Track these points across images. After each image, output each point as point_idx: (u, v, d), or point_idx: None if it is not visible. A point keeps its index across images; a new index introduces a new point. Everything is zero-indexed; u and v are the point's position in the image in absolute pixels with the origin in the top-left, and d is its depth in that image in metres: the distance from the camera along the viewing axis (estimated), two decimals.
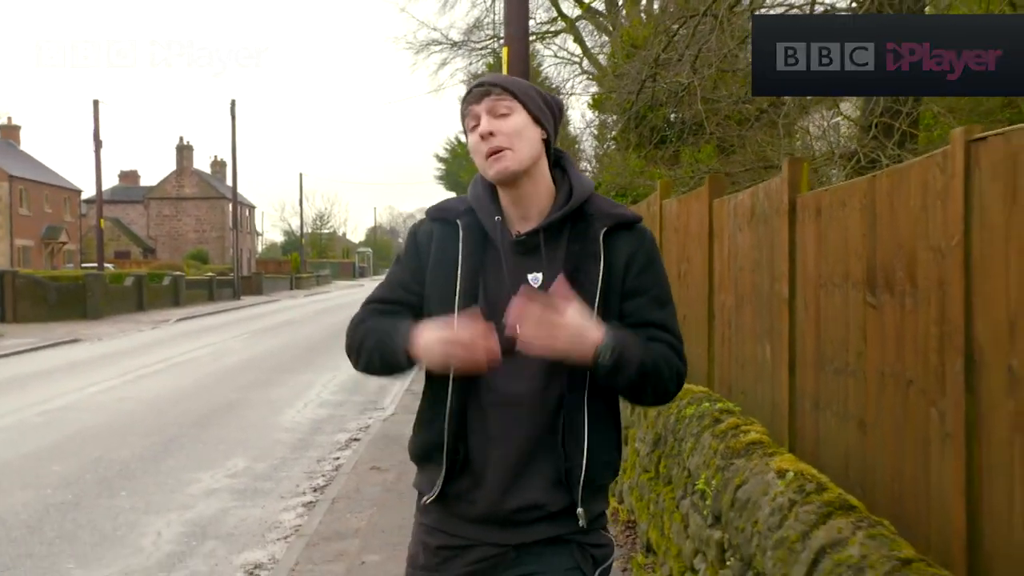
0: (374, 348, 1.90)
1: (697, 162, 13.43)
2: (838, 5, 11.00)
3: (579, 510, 1.85)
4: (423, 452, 1.94)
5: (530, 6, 30.43)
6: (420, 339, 1.79)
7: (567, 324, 1.69)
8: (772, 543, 2.90)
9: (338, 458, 7.71)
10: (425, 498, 1.93)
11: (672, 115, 15.12)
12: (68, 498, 6.43)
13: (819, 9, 10.89)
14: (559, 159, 1.99)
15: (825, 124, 12.68)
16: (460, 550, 1.89)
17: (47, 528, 5.73)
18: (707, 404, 4.59)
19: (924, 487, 2.99)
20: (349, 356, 2.00)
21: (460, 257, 1.88)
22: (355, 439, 8.49)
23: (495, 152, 1.84)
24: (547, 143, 1.92)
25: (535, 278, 1.87)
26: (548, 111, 1.93)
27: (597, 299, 1.84)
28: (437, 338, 1.75)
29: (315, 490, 6.63)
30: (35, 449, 8.08)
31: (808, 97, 12.30)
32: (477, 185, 1.98)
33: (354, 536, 5.29)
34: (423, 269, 1.94)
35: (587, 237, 1.88)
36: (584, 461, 1.83)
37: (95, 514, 6.04)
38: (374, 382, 12.53)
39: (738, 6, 11.35)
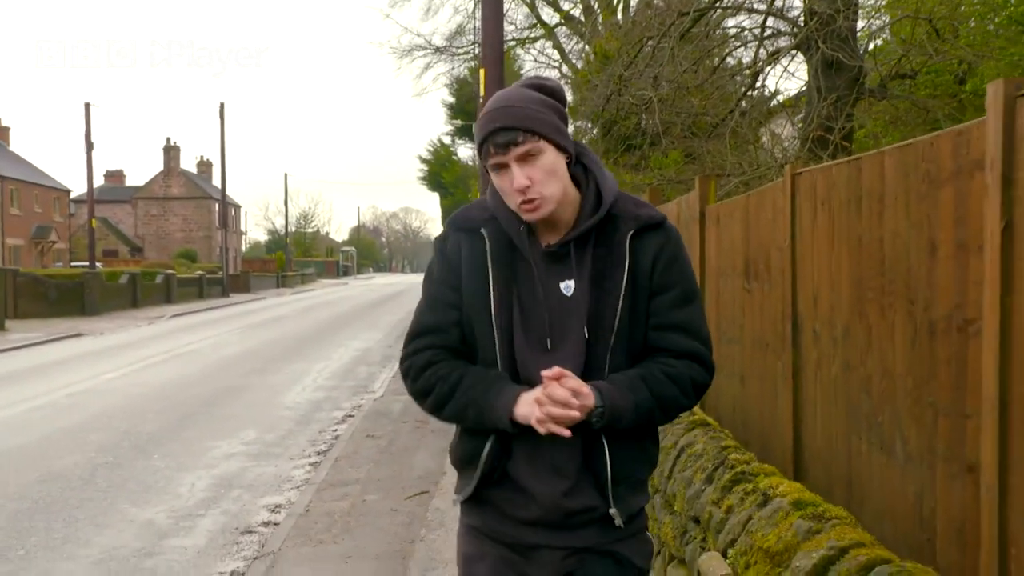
0: (469, 404, 1.86)
1: (661, 168, 14.72)
2: (781, 29, 12.24)
3: (612, 510, 1.87)
4: (464, 457, 1.95)
5: (511, 12, 31.25)
6: (523, 400, 1.80)
7: (578, 404, 1.74)
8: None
9: (336, 430, 8.87)
10: (456, 496, 1.99)
11: (641, 123, 16.16)
12: (110, 459, 7.57)
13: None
14: (579, 156, 1.96)
15: (768, 136, 14.00)
16: (520, 550, 1.94)
17: (99, 480, 6.87)
18: None
19: (772, 419, 4.20)
20: (419, 399, 1.96)
21: (490, 268, 1.88)
22: (350, 415, 9.65)
23: (530, 202, 1.82)
24: (569, 160, 1.89)
25: (567, 286, 1.88)
26: (564, 124, 1.89)
27: (621, 303, 1.85)
28: (536, 399, 1.77)
29: (319, 453, 7.80)
30: (71, 424, 9.19)
31: (756, 112, 13.60)
32: (497, 193, 1.93)
33: (355, 483, 6.46)
34: (459, 282, 1.92)
35: (613, 240, 1.89)
36: (608, 457, 1.85)
37: (135, 471, 7.18)
38: (363, 369, 13.71)
39: (694, 28, 12.58)
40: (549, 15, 30.28)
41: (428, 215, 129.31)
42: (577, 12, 29.18)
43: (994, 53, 10.04)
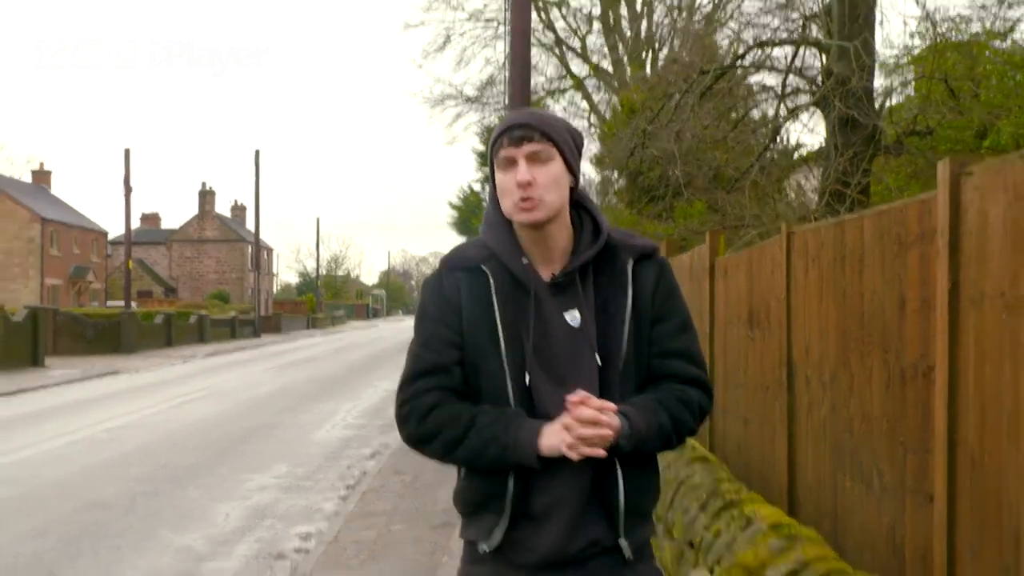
0: (488, 443, 1.80)
1: (687, 218, 15.12)
2: (800, 87, 12.66)
3: (622, 541, 1.86)
4: (478, 500, 1.89)
5: (542, 63, 31.84)
6: (547, 432, 1.77)
7: (608, 422, 1.72)
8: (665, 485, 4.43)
9: (364, 466, 9.21)
10: (483, 546, 1.88)
11: (666, 174, 16.54)
12: (149, 490, 7.96)
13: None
14: (579, 198, 1.97)
15: (792, 189, 14.35)
16: None
17: (139, 509, 7.25)
18: None
19: (771, 458, 4.50)
20: (422, 444, 1.89)
21: (496, 304, 1.86)
22: (378, 452, 9.98)
23: (528, 200, 1.82)
24: (573, 187, 1.92)
25: (573, 316, 1.87)
26: (578, 154, 1.94)
27: (627, 329, 1.87)
28: (561, 426, 1.74)
29: (347, 487, 8.14)
30: (111, 457, 9.62)
31: (775, 167, 13.98)
32: (494, 227, 1.95)
33: (382, 515, 6.79)
34: (460, 322, 1.89)
35: (614, 269, 1.91)
36: (621, 490, 1.83)
37: (173, 500, 7.56)
38: (391, 409, 14.03)
39: (716, 85, 13.03)
40: (579, 67, 31.09)
41: None
42: (606, 64, 29.93)
43: (1013, 111, 10.36)
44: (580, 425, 1.71)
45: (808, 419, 4.00)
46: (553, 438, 1.75)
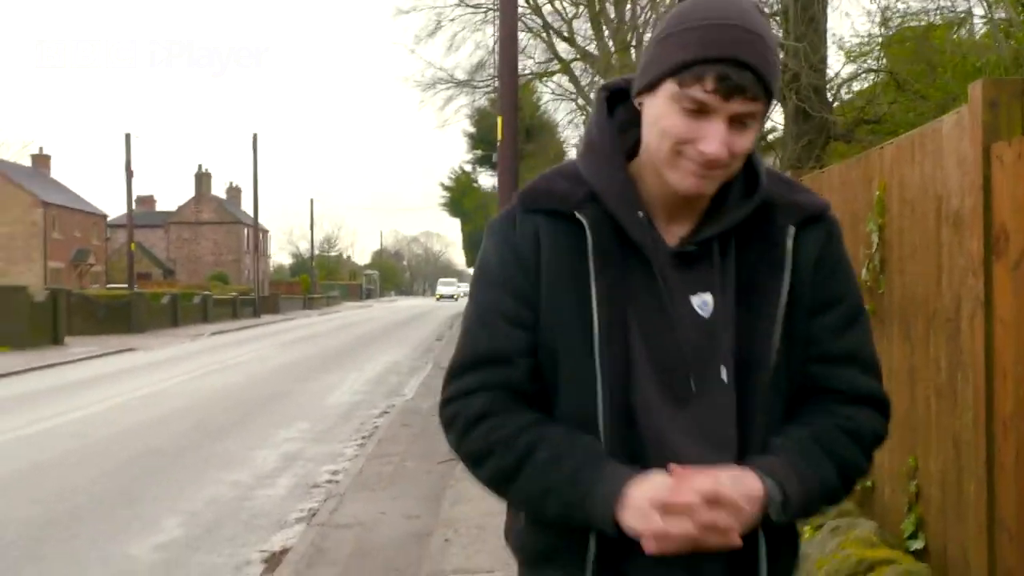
0: (548, 490, 1.27)
1: None
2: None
3: None
4: (546, 551, 1.36)
5: (530, 47, 33.03)
6: (631, 501, 1.19)
7: (734, 502, 1.17)
8: None
9: (375, 422, 10.57)
10: None
11: None
12: (192, 441, 9.32)
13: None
14: None
15: None
16: None
17: (188, 456, 8.60)
18: None
19: None
20: (472, 466, 1.37)
21: (592, 273, 1.28)
22: (386, 412, 11.35)
23: (709, 169, 1.24)
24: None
25: (703, 302, 1.30)
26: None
27: (778, 328, 1.29)
28: (649, 502, 1.17)
29: (363, 437, 9.49)
30: (149, 418, 10.97)
31: None
32: (601, 157, 1.34)
33: (396, 455, 8.14)
34: (534, 290, 1.32)
35: (768, 238, 1.32)
36: (764, 562, 1.29)
37: (215, 450, 8.91)
38: (394, 378, 15.43)
39: None
40: (566, 50, 32.23)
41: (449, 239, 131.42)
42: (592, 48, 31.10)
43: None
44: (681, 511, 1.15)
45: None
46: (635, 517, 1.19)
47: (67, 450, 8.88)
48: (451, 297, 76.03)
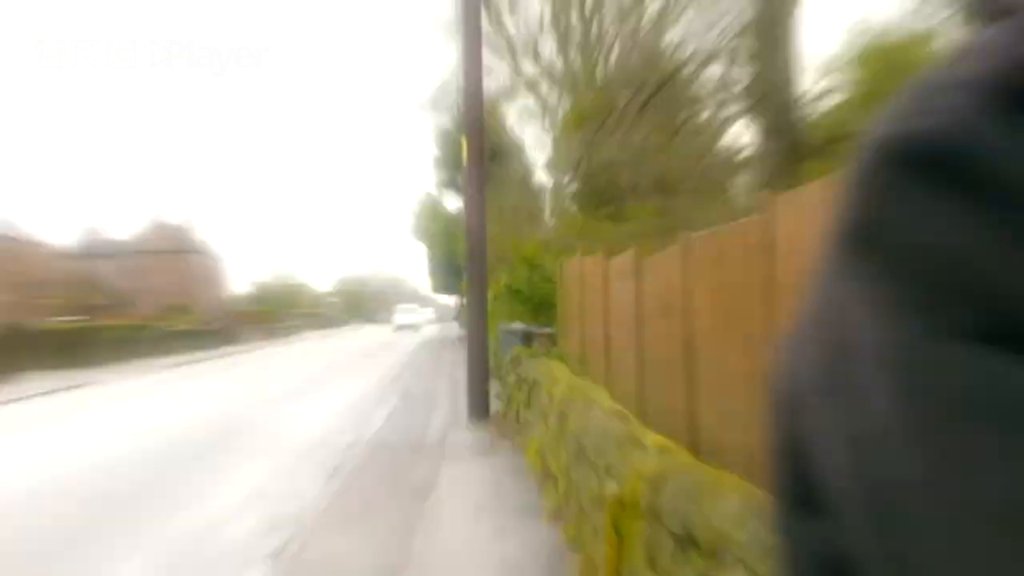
0: None
1: (639, 218, 16.42)
2: (731, 109, 14.00)
3: None
4: None
5: (496, 67, 32.99)
6: None
7: None
8: None
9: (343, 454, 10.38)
10: None
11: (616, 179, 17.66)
12: (153, 478, 9.01)
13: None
14: None
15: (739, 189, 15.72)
16: None
17: (143, 497, 8.30)
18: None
19: (676, 408, 5.71)
20: None
21: None
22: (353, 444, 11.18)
23: None
24: None
25: None
26: None
27: None
28: None
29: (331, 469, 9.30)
30: (105, 456, 10.62)
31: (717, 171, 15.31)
32: None
33: (366, 489, 7.95)
34: None
35: None
36: None
37: (177, 488, 8.61)
38: (389, 384, 15.11)
39: (652, 101, 14.34)
40: (531, 69, 32.29)
41: (415, 264, 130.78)
42: (559, 66, 31.19)
43: None
44: None
45: (709, 382, 5.22)
46: None
47: (11, 492, 8.55)
48: (411, 327, 62.87)
